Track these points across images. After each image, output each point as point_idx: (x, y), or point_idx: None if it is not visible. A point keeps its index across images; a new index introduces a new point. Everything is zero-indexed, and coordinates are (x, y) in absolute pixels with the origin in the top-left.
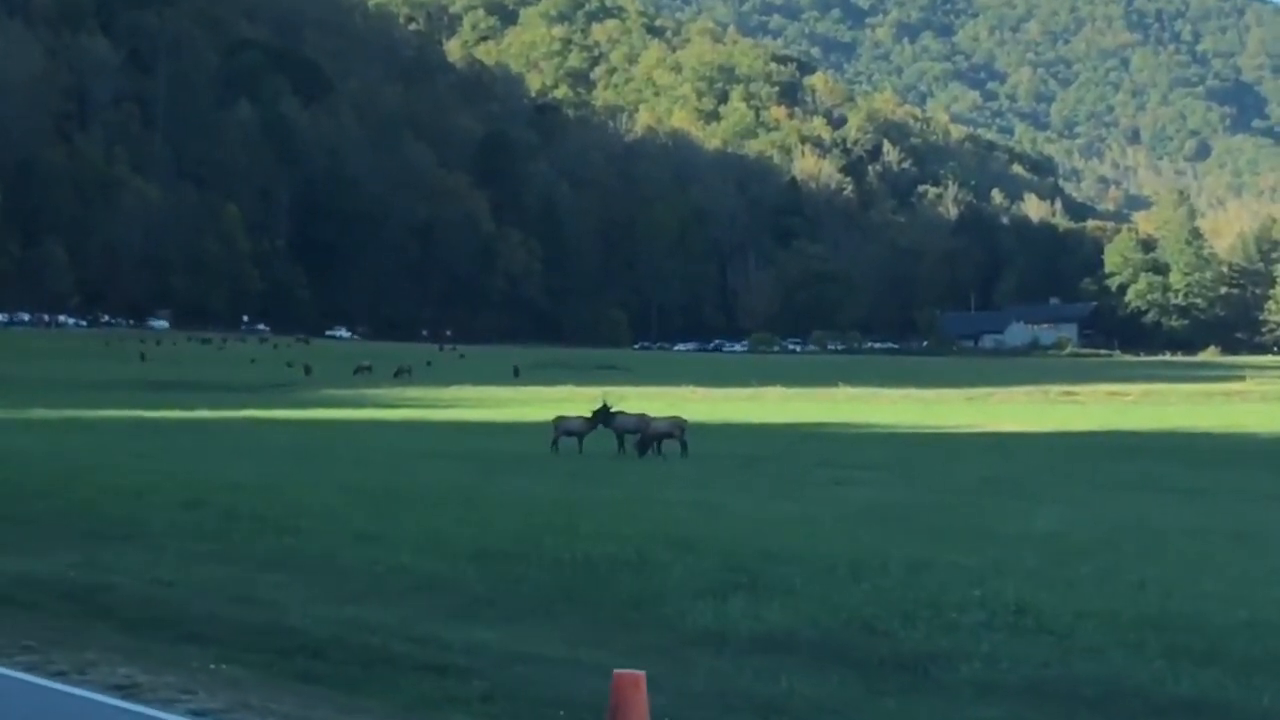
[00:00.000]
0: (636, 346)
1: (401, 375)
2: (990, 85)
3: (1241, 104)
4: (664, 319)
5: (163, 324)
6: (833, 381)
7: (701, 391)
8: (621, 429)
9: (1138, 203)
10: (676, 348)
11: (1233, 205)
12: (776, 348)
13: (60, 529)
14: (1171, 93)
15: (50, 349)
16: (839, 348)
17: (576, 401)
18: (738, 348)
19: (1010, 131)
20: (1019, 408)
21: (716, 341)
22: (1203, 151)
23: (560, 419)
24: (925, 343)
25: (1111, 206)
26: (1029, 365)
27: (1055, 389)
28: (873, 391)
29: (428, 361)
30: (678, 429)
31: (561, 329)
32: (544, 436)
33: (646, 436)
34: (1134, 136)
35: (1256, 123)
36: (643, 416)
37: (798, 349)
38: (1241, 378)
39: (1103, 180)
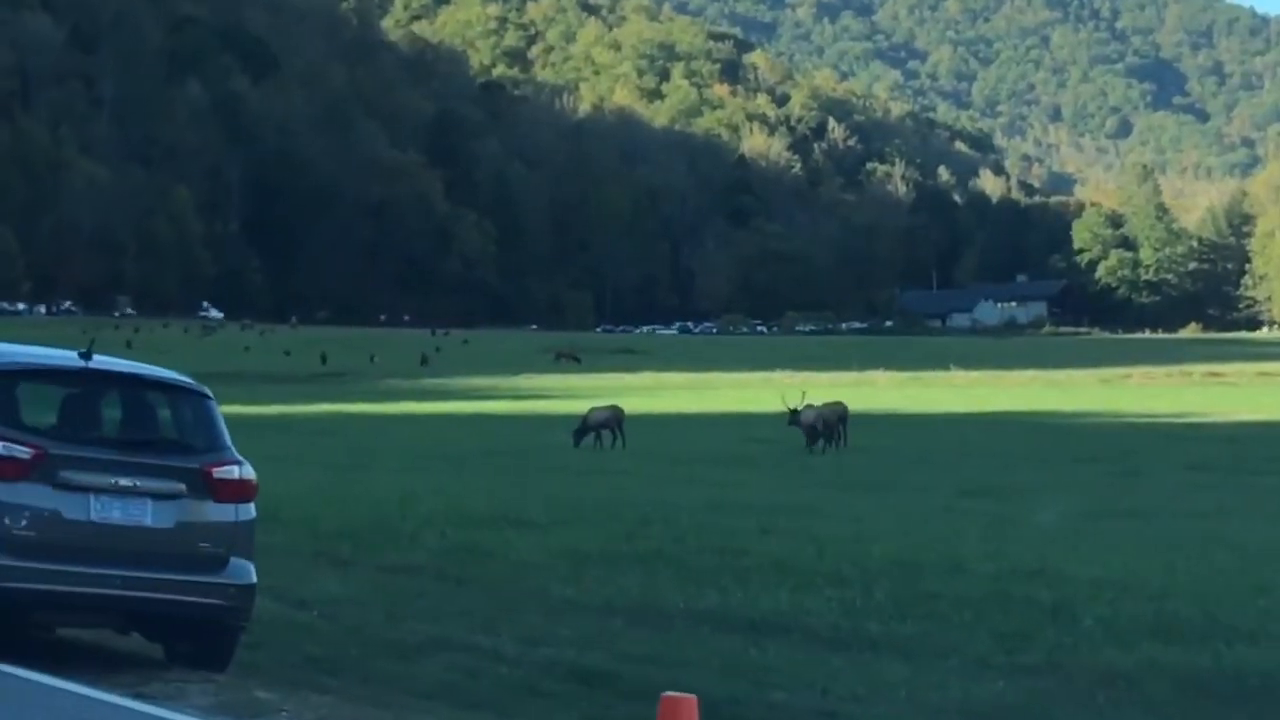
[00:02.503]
0: (599, 330)
1: (426, 364)
2: (911, 64)
3: (1161, 81)
4: (618, 300)
5: (130, 310)
6: (944, 365)
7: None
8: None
9: (1061, 180)
10: (639, 330)
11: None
12: (745, 329)
13: None
14: (1092, 70)
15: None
16: (810, 329)
17: (658, 391)
18: (710, 330)
19: (933, 110)
20: (1184, 390)
21: (680, 323)
22: (1124, 129)
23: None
24: (889, 323)
25: (1036, 184)
26: (1048, 345)
27: (1197, 369)
28: (994, 374)
29: (436, 349)
30: (615, 419)
31: (517, 311)
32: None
33: (586, 426)
34: (1055, 114)
35: (1177, 99)
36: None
37: (764, 331)
38: None
39: (1025, 158)
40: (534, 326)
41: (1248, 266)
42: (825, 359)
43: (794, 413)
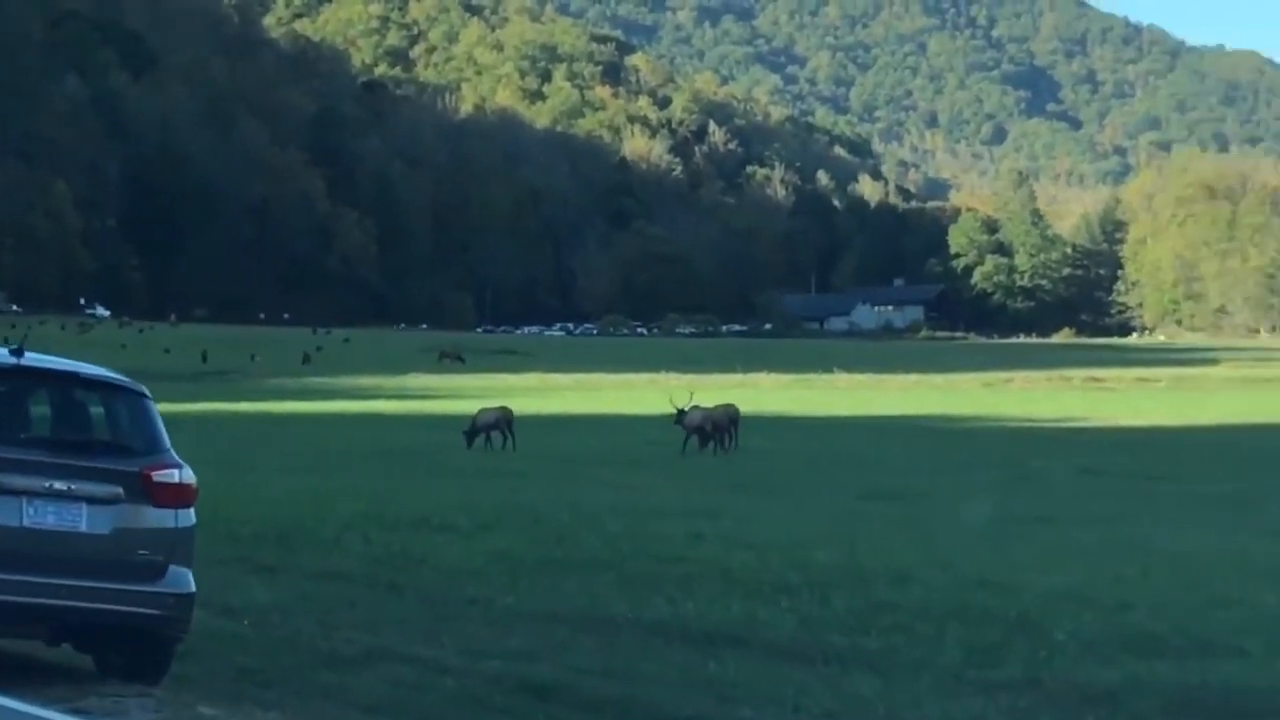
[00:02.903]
0: (480, 330)
1: (309, 363)
2: (791, 69)
3: (1036, 88)
4: (499, 301)
5: (14, 307)
6: (827, 368)
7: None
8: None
9: (937, 186)
10: (520, 331)
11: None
12: (625, 331)
13: None
14: (968, 77)
15: None
16: (690, 331)
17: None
18: (591, 331)
19: (811, 115)
20: (1064, 395)
21: (560, 324)
22: (999, 135)
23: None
24: (768, 325)
25: (912, 189)
26: (928, 349)
27: (1076, 375)
28: (876, 378)
29: (318, 348)
30: (504, 420)
31: (398, 311)
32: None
33: (476, 427)
34: (932, 120)
35: (1051, 106)
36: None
37: (644, 332)
38: (1217, 362)
39: (902, 163)
40: (424, 326)
41: (1120, 273)
42: (708, 361)
43: (680, 413)
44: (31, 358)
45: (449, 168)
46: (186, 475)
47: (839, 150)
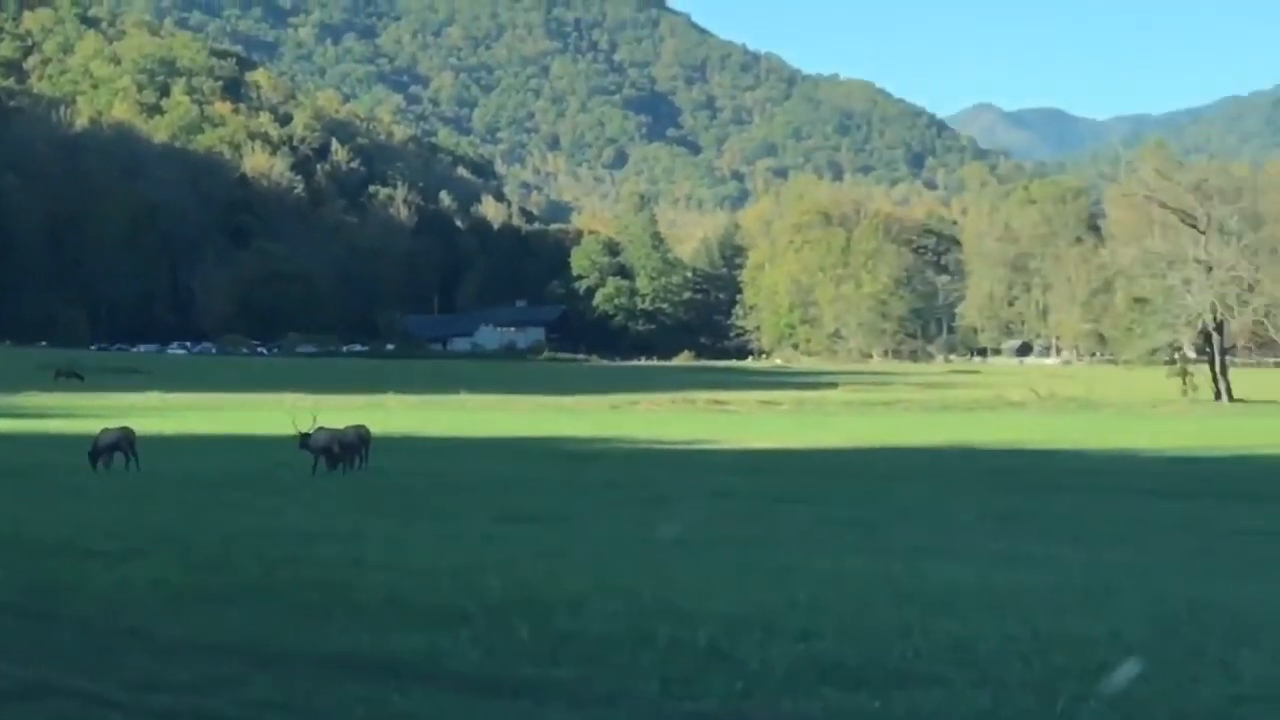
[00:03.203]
0: (94, 348)
1: None
2: (414, 89)
3: (656, 113)
4: (114, 318)
5: None
6: (454, 389)
7: (314, 400)
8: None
9: (559, 209)
10: (136, 349)
11: (666, 210)
12: (245, 350)
13: None
14: (590, 100)
15: None
16: (310, 350)
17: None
18: (209, 350)
19: (434, 135)
20: (690, 418)
21: (179, 343)
22: (620, 159)
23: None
24: (390, 346)
25: (535, 211)
26: (552, 371)
27: (700, 397)
28: (504, 399)
29: None
30: (126, 441)
31: (9, 327)
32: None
33: (98, 448)
34: (554, 143)
35: (671, 131)
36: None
37: (264, 352)
38: (835, 385)
39: (525, 185)
40: (44, 343)
41: (739, 297)
42: (332, 381)
43: (304, 436)
44: None
45: (63, 181)
46: None
47: (462, 171)
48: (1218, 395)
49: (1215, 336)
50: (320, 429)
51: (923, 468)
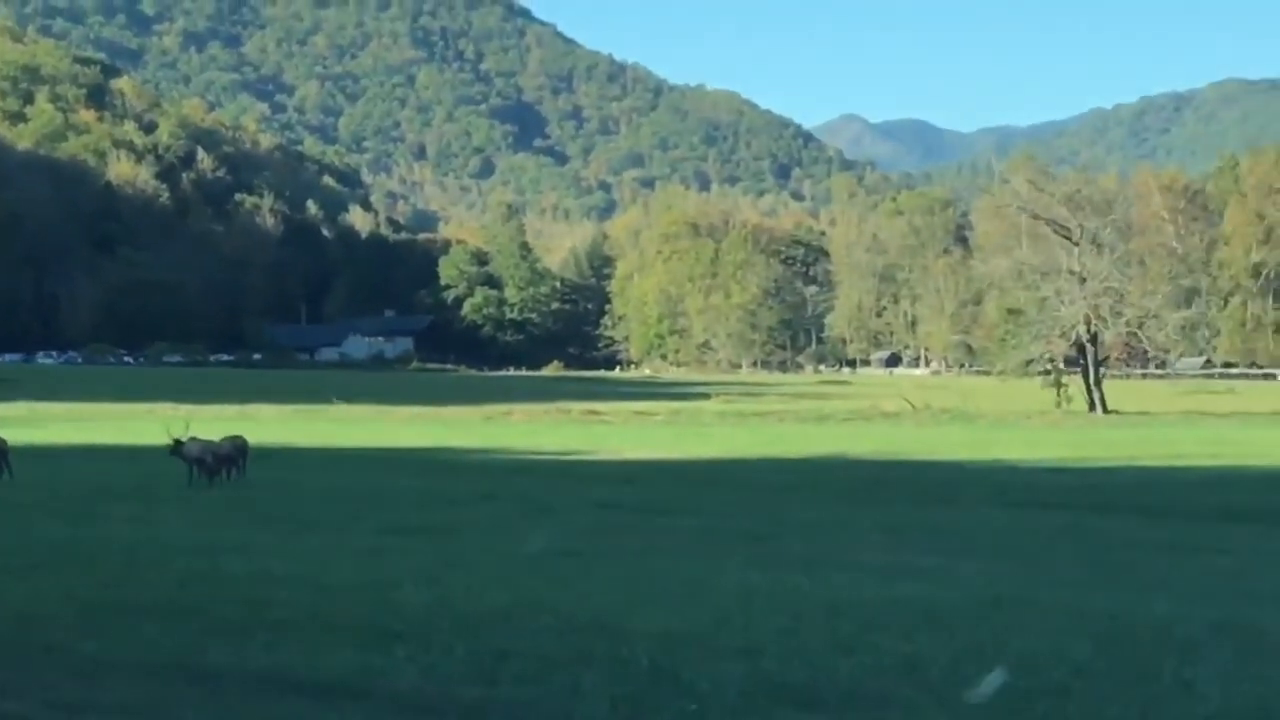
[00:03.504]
0: None
1: None
2: (279, 97)
3: (524, 123)
4: None
5: None
6: (326, 399)
7: (187, 410)
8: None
9: (426, 218)
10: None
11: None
12: (112, 359)
13: None
14: (456, 110)
15: None
16: (177, 360)
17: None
18: (75, 359)
19: (300, 144)
20: (565, 428)
21: (45, 352)
22: (487, 169)
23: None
24: (258, 356)
25: (401, 220)
26: (422, 381)
27: (575, 407)
28: (377, 409)
29: None
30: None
31: None
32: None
33: None
34: (420, 152)
35: (538, 141)
36: (209, 444)
37: (131, 361)
38: (708, 396)
39: (391, 195)
40: None
41: (607, 307)
42: (202, 391)
43: (177, 444)
44: None
45: None
46: None
47: (329, 180)
48: (1091, 407)
49: (1089, 348)
50: (193, 439)
51: (804, 479)
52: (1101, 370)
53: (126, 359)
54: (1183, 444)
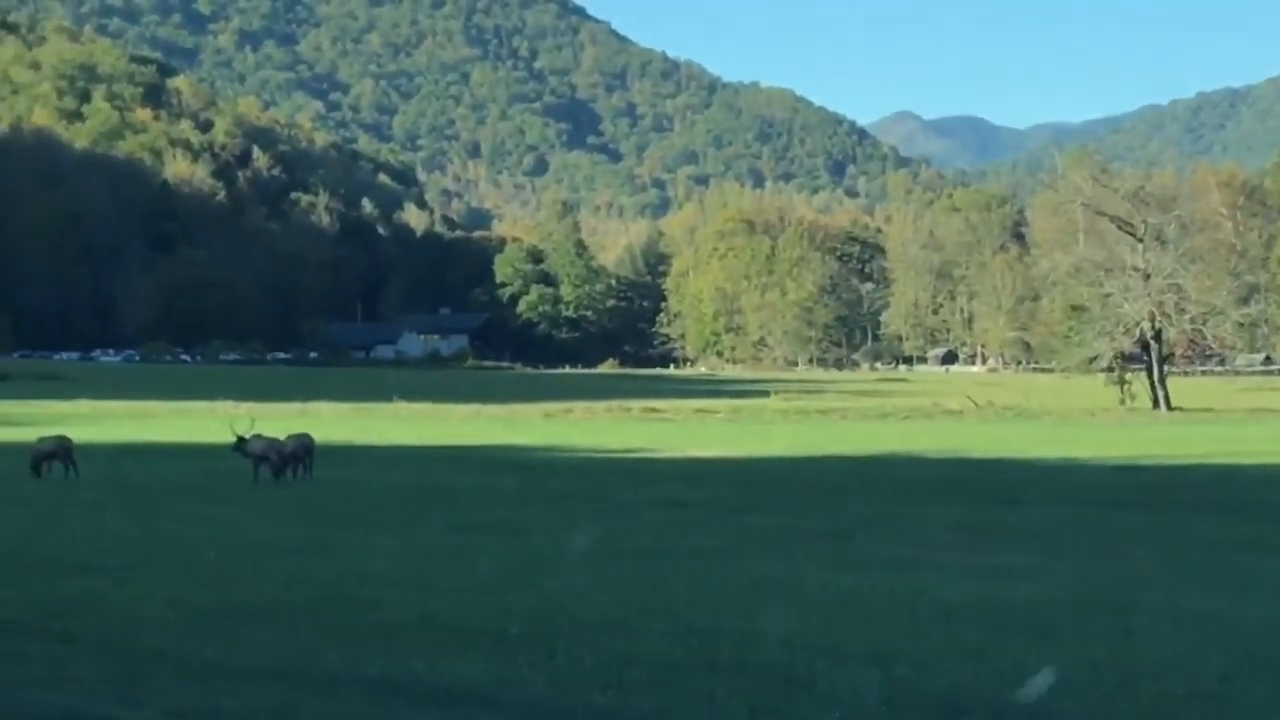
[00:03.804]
0: (15, 355)
1: None
2: (334, 96)
3: (577, 121)
4: (35, 326)
5: None
6: (386, 397)
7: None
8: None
9: (479, 216)
10: (58, 356)
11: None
12: (169, 357)
13: None
14: (510, 108)
15: None
16: (234, 358)
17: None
18: (133, 357)
19: (354, 142)
20: (625, 426)
21: (101, 350)
22: (540, 167)
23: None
24: (314, 354)
25: (455, 218)
26: (480, 378)
27: (635, 405)
28: (438, 407)
29: None
30: (64, 449)
31: None
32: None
33: (39, 456)
34: (474, 150)
35: (591, 139)
36: (273, 442)
37: (188, 359)
38: (768, 394)
39: (445, 193)
40: None
41: (663, 305)
42: (261, 389)
43: (242, 441)
44: None
45: None
46: None
47: (384, 178)
48: (1155, 404)
49: (1153, 345)
50: (257, 436)
51: (872, 477)
52: (1165, 367)
53: (184, 357)
54: (1252, 441)
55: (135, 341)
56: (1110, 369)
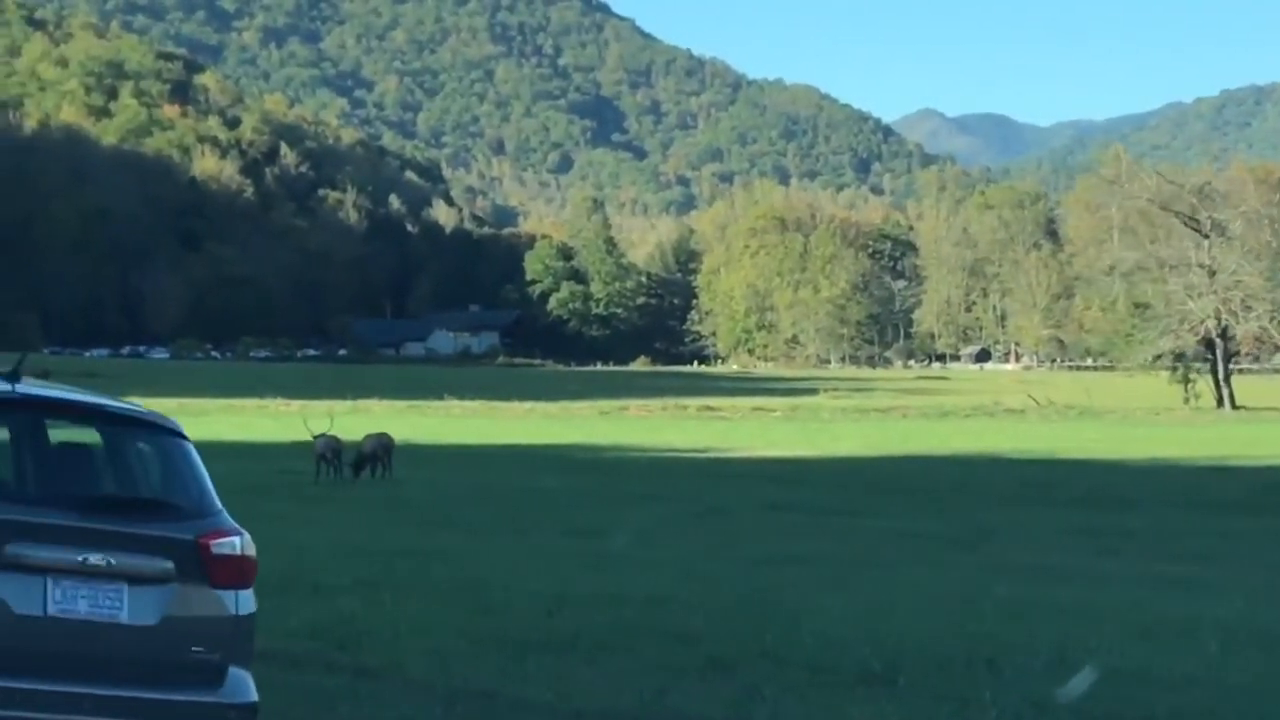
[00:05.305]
0: (46, 352)
1: None
2: (358, 93)
3: (601, 118)
4: (66, 323)
5: None
6: (436, 394)
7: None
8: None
9: (505, 213)
10: (88, 354)
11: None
12: (199, 355)
13: None
14: (535, 105)
15: None
16: (264, 355)
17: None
18: (162, 354)
19: (379, 139)
20: (685, 424)
21: (131, 348)
22: (565, 164)
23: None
24: (343, 351)
25: (481, 215)
26: (519, 376)
27: (691, 403)
28: (489, 405)
29: None
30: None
31: None
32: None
33: None
34: (499, 147)
35: (616, 136)
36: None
37: (218, 356)
38: (816, 391)
39: (470, 190)
40: None
41: (694, 302)
42: (302, 386)
43: (318, 439)
44: (32, 385)
45: (12, 185)
46: (247, 545)
47: (411, 175)
48: (1220, 402)
49: (1219, 343)
50: (321, 435)
51: (965, 479)
52: (1231, 365)
53: (214, 354)
54: None
55: (164, 339)
56: (1174, 368)
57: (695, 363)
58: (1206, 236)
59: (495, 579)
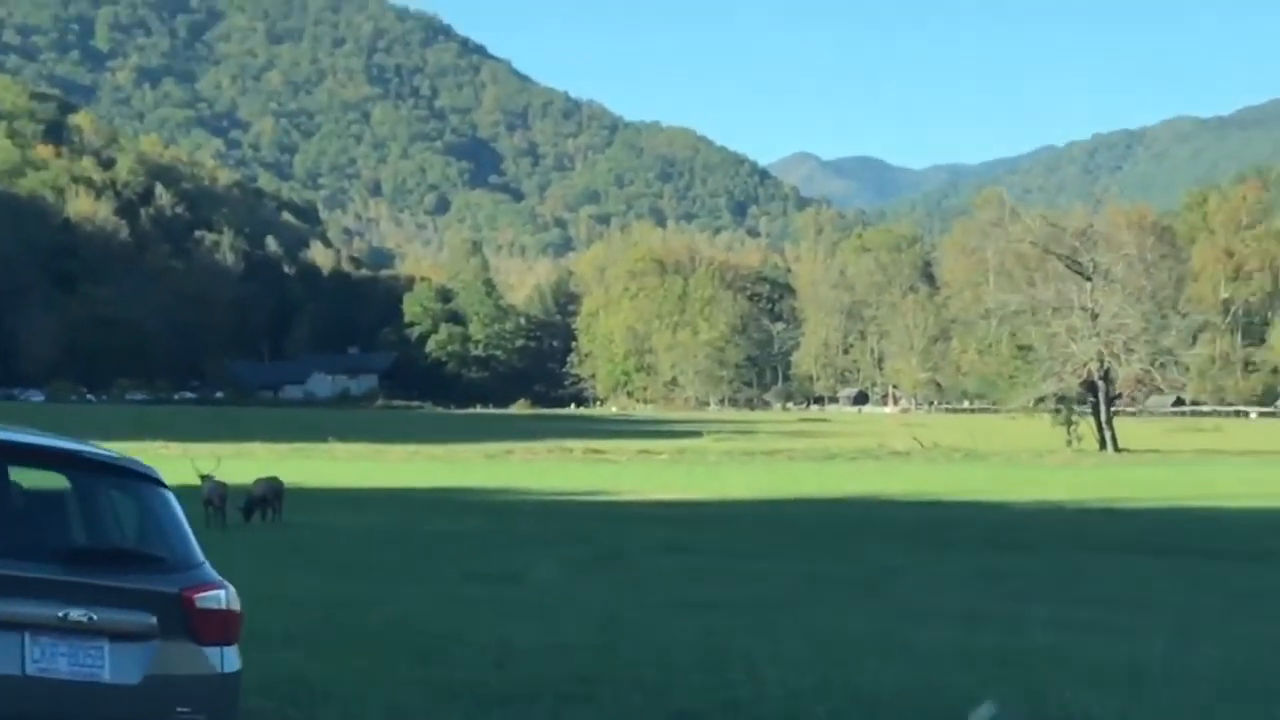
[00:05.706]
0: None
1: None
2: (234, 133)
3: (478, 159)
4: None
5: None
6: (319, 437)
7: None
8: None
9: (382, 255)
10: None
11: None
12: (74, 397)
13: None
14: (411, 146)
15: None
16: (140, 398)
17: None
18: (38, 396)
19: (255, 180)
20: (571, 467)
21: (4, 390)
22: (442, 205)
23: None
24: (220, 393)
25: (358, 256)
26: (398, 418)
27: (576, 446)
28: (374, 448)
29: None
30: None
31: None
32: None
33: None
34: (376, 189)
35: (493, 178)
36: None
37: (93, 399)
38: (700, 434)
39: (347, 231)
40: None
41: (574, 344)
42: (181, 429)
43: (205, 480)
44: (7, 431)
45: None
46: (232, 598)
47: (288, 216)
48: (1103, 445)
49: (1101, 385)
50: (206, 477)
51: (855, 520)
52: (1113, 408)
53: (89, 397)
54: (1220, 483)
55: (38, 381)
56: (1057, 410)
57: (574, 405)
58: (1089, 279)
59: (425, 627)
